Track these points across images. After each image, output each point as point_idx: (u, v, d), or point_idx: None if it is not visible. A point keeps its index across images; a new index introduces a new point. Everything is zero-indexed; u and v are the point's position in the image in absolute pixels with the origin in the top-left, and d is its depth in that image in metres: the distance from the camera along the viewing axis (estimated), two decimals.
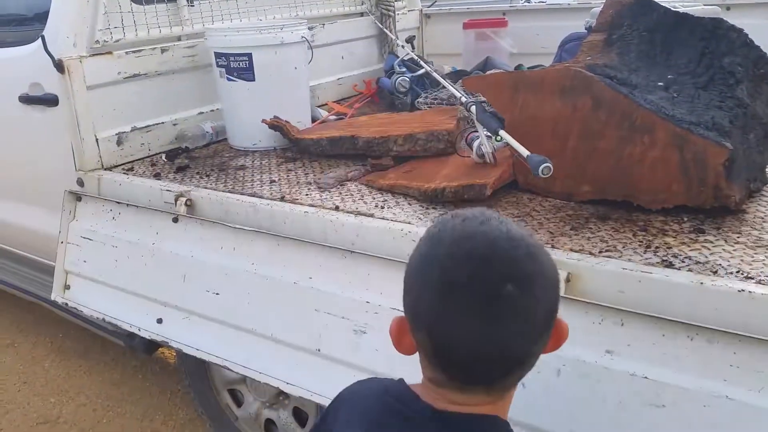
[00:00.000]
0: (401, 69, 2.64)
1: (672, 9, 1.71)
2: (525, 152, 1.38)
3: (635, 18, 1.71)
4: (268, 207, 1.64)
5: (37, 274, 2.57)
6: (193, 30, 2.32)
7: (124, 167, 2.09)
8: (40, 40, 1.99)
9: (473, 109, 1.64)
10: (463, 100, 1.78)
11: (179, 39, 2.31)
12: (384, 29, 3.06)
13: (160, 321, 1.78)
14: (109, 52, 2.05)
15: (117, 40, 2.10)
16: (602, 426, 1.14)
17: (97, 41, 2.05)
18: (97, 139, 2.04)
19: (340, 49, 2.91)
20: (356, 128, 2.08)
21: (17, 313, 3.33)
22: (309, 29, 2.30)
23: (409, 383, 0.86)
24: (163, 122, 2.22)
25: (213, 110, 2.35)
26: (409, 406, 0.83)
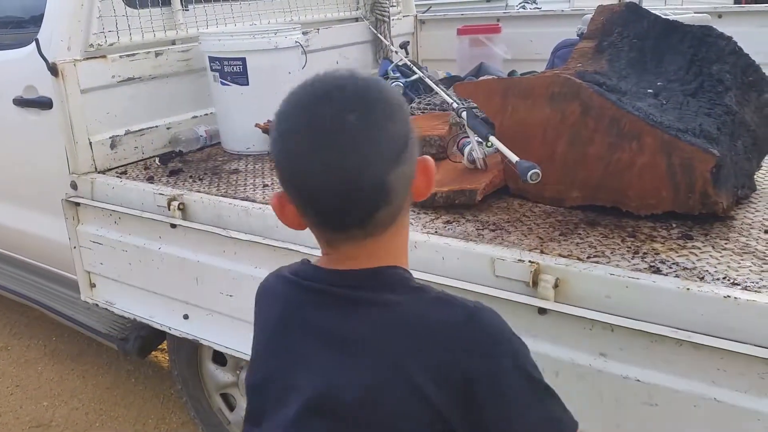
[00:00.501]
0: (395, 74, 2.65)
1: (662, 17, 1.73)
2: (514, 158, 1.39)
3: (626, 25, 1.73)
4: (260, 211, 1.65)
5: (31, 277, 2.57)
6: (187, 34, 2.33)
7: (118, 170, 2.09)
8: (34, 43, 2.00)
9: (464, 115, 1.65)
10: (455, 106, 1.79)
11: (173, 43, 2.32)
12: (378, 35, 3.07)
13: (186, 317, 1.86)
14: (104, 56, 2.06)
15: (111, 44, 2.10)
16: (601, 419, 1.19)
17: (92, 45, 2.06)
18: (90, 143, 2.04)
19: (335, 54, 2.91)
20: None
21: (10, 316, 3.32)
22: (303, 34, 2.31)
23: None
24: (156, 126, 2.22)
25: (207, 114, 2.36)
26: (310, 277, 0.88)
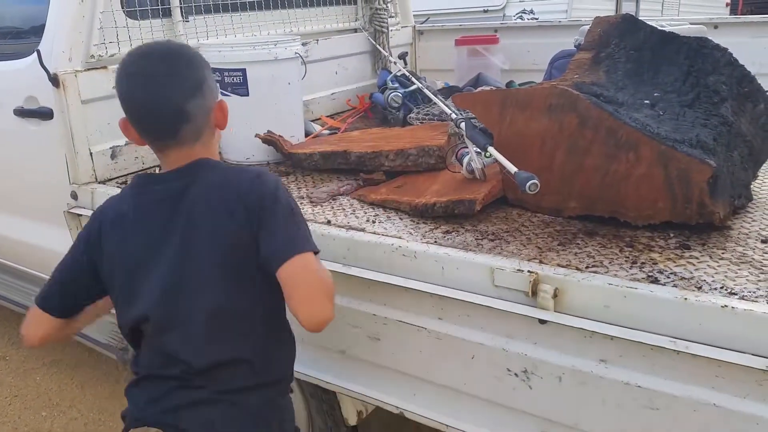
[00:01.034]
0: (394, 84, 2.67)
1: (658, 28, 1.75)
2: (513, 169, 1.40)
3: (622, 37, 1.75)
4: None
5: (30, 287, 2.57)
6: None
7: (118, 181, 2.10)
8: (35, 54, 2.01)
9: (463, 125, 1.66)
10: (453, 116, 1.80)
11: None
12: (377, 45, 3.09)
13: None
14: (104, 67, 2.07)
15: (112, 55, 2.11)
16: (604, 421, 1.22)
17: (92, 56, 2.07)
18: (91, 153, 2.05)
19: (334, 64, 2.94)
20: (348, 143, 2.10)
21: (9, 326, 3.32)
22: (303, 45, 2.33)
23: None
24: None
25: None
26: (146, 184, 1.31)
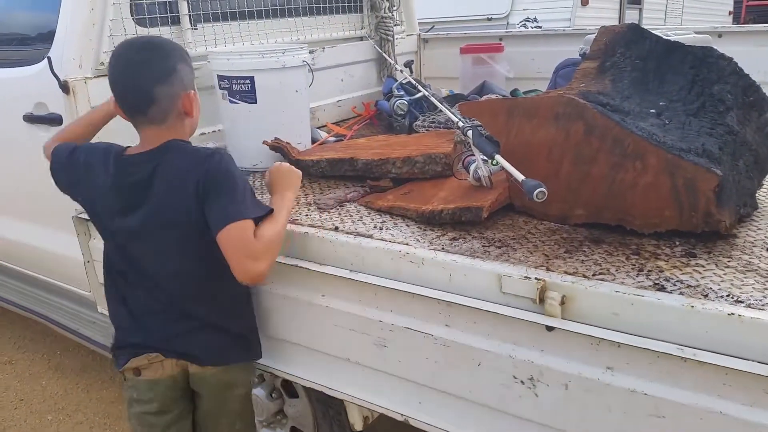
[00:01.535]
0: (399, 92, 2.69)
1: (664, 37, 1.76)
2: (520, 177, 1.41)
3: (628, 46, 1.76)
4: None
5: (36, 292, 2.58)
6: (196, 53, 2.36)
7: None
8: (45, 60, 2.03)
9: (470, 133, 1.67)
10: (460, 124, 1.82)
11: None
12: (383, 53, 3.11)
13: None
14: None
15: None
16: (610, 428, 1.22)
17: (102, 63, 2.09)
18: None
19: (340, 72, 2.96)
20: (355, 150, 2.11)
21: (15, 331, 3.33)
22: (310, 53, 2.34)
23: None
24: None
25: (215, 131, 2.39)
26: (125, 166, 1.49)
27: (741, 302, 1.15)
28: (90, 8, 2.04)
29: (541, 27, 6.17)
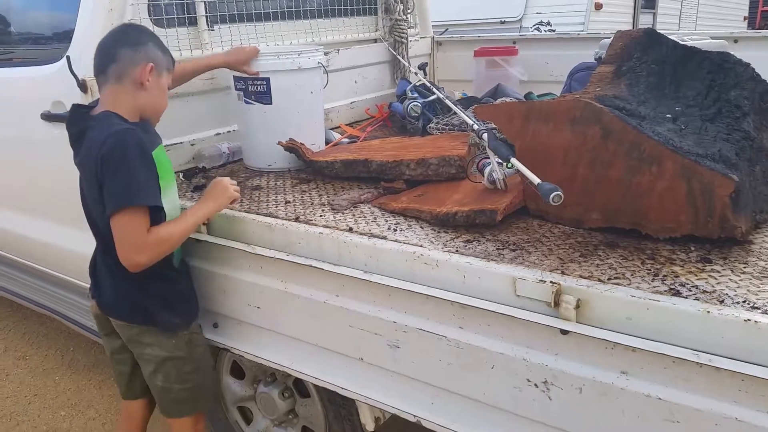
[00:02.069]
0: (413, 94, 2.70)
1: (680, 42, 1.76)
2: (536, 180, 1.41)
3: (644, 51, 1.76)
4: (283, 227, 1.68)
5: (54, 289, 2.61)
6: (212, 54, 2.38)
7: None
8: (64, 59, 2.05)
9: (485, 136, 1.68)
10: (475, 127, 1.82)
11: None
12: (397, 55, 3.12)
13: (216, 326, 1.93)
14: None
15: None
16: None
17: None
18: None
19: (354, 73, 2.97)
20: (369, 152, 2.12)
21: (29, 326, 3.37)
22: (325, 55, 2.36)
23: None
24: (181, 142, 2.27)
25: (230, 131, 2.41)
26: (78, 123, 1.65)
27: (757, 308, 1.14)
28: (109, 8, 2.06)
29: (554, 31, 6.16)
